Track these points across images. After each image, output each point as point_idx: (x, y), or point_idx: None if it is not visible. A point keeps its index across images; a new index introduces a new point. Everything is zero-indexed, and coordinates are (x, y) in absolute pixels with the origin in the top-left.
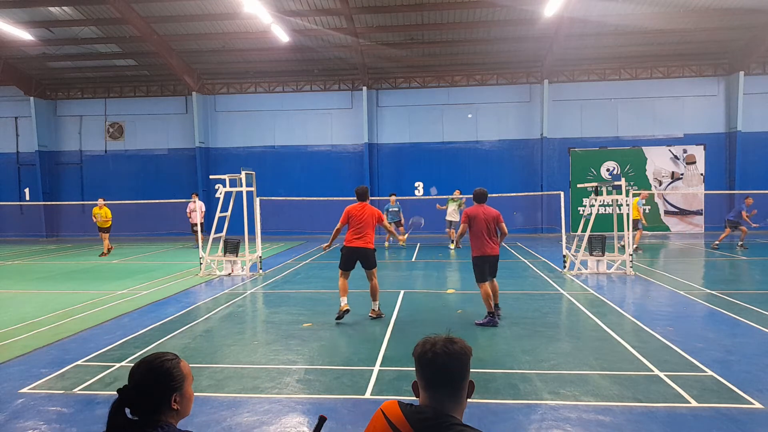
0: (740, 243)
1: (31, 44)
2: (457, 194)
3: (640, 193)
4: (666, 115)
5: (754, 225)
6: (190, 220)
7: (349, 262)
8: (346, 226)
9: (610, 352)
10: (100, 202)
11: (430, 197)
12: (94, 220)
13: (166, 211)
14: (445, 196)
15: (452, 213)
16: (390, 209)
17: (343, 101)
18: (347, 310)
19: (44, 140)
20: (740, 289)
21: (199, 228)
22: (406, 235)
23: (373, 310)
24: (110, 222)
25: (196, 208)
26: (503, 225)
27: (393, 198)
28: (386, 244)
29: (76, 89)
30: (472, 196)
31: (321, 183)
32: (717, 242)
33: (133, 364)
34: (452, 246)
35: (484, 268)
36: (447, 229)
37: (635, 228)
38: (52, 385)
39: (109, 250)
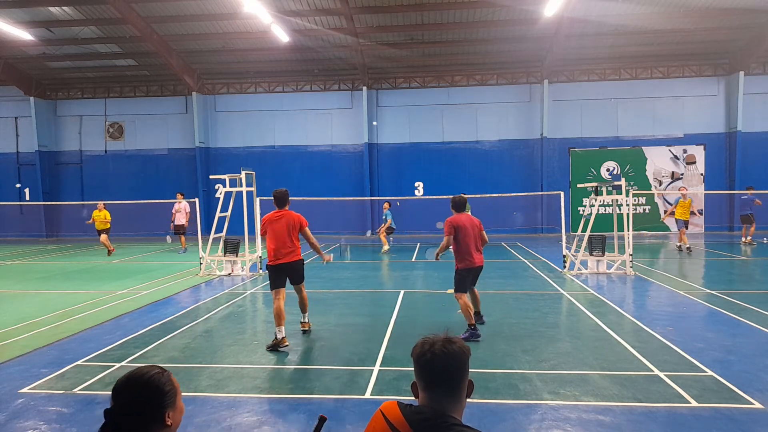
0: (744, 240)
1: (31, 44)
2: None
3: (686, 196)
4: (666, 115)
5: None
6: (174, 221)
7: (278, 280)
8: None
9: (610, 352)
10: (100, 204)
11: (421, 197)
12: (92, 221)
13: (167, 211)
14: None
15: None
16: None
17: (343, 101)
18: (284, 344)
19: (44, 140)
20: (740, 289)
21: (199, 229)
22: (331, 256)
23: (308, 322)
24: (109, 224)
25: (181, 208)
26: (484, 233)
27: (386, 205)
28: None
29: (76, 89)
30: (450, 204)
31: (321, 183)
32: (750, 239)
33: (116, 381)
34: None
35: (468, 279)
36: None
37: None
38: (52, 385)
39: (110, 251)
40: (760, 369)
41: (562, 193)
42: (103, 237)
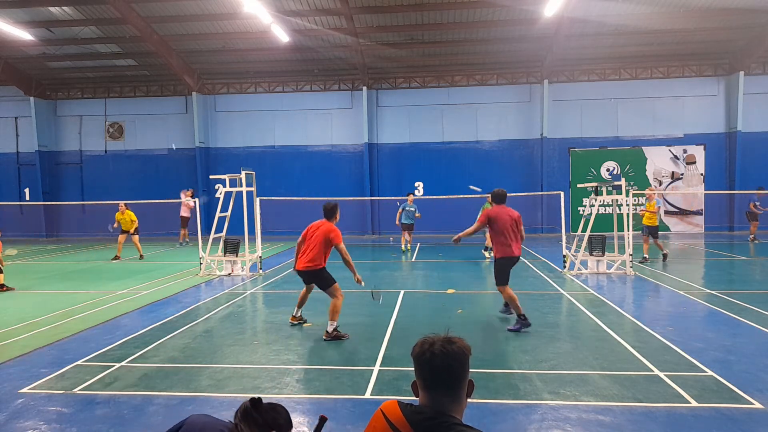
0: (752, 237)
1: (31, 44)
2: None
3: (652, 197)
4: (666, 115)
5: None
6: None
7: (303, 281)
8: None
9: (610, 352)
10: (122, 205)
11: (427, 197)
12: (116, 225)
13: (166, 211)
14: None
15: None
16: (406, 208)
17: (343, 101)
18: (298, 323)
19: (44, 140)
20: (740, 289)
21: (199, 229)
22: (363, 283)
23: (327, 331)
24: (136, 224)
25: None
26: (522, 228)
27: (411, 198)
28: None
29: (76, 89)
30: (489, 196)
31: (321, 183)
32: (752, 236)
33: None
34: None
35: (508, 269)
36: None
37: (653, 234)
38: (52, 385)
39: (116, 258)
40: (760, 369)
41: (562, 193)
42: (135, 238)
